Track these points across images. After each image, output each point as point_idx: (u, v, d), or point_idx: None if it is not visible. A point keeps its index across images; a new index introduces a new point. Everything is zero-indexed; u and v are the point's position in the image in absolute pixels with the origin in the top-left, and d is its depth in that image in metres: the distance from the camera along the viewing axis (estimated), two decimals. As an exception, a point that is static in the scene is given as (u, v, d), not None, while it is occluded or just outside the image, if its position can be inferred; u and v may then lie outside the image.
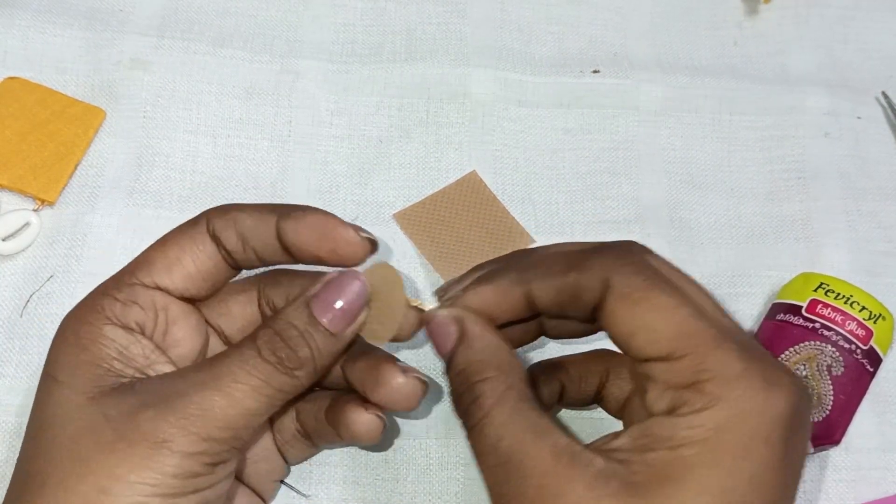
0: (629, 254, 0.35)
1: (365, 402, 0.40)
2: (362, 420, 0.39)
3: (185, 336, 0.39)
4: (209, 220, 0.39)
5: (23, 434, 0.43)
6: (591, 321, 0.36)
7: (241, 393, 0.35)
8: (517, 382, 0.35)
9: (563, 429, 0.34)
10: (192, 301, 0.40)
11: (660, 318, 0.33)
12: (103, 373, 0.35)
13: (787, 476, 0.32)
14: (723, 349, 0.32)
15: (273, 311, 0.41)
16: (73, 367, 0.35)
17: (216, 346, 0.41)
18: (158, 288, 0.38)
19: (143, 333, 0.37)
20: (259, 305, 0.41)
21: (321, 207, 0.51)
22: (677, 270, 0.36)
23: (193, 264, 0.39)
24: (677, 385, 0.32)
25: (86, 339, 0.36)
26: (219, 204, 0.50)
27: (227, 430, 0.35)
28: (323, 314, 0.37)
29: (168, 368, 0.37)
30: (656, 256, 0.36)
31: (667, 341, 0.33)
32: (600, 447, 0.33)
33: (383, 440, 0.42)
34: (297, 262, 0.39)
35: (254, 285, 0.41)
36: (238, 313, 0.41)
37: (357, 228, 0.39)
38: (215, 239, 0.39)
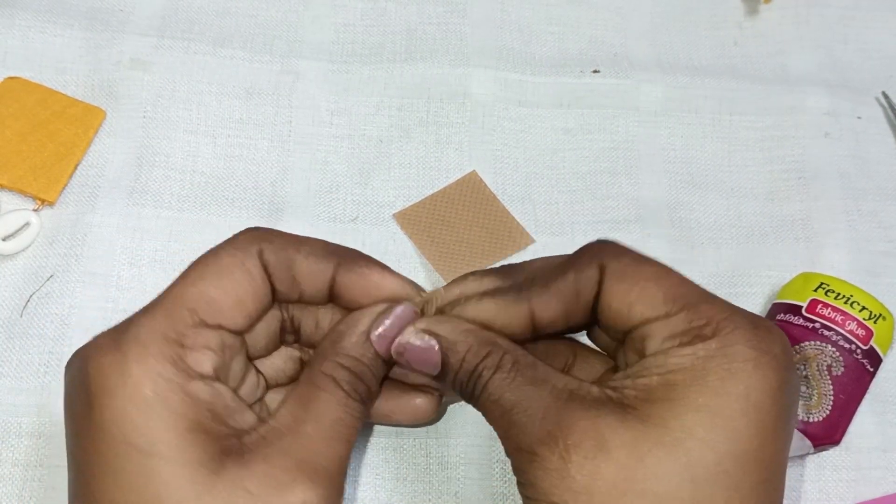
0: (611, 244, 0.38)
1: (419, 386, 0.41)
2: (419, 402, 0.41)
3: (239, 368, 0.38)
4: (263, 254, 0.38)
5: (32, 436, 0.44)
6: (588, 327, 0.39)
7: (352, 435, 0.36)
8: (510, 348, 0.37)
9: (562, 373, 0.37)
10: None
11: (654, 285, 0.36)
12: (206, 439, 0.33)
13: (783, 409, 0.34)
14: (711, 302, 0.36)
15: (294, 330, 0.41)
16: (175, 439, 0.33)
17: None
18: (220, 328, 0.36)
19: (218, 379, 0.36)
20: (282, 321, 0.40)
21: (322, 207, 0.52)
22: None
23: (253, 304, 0.37)
24: (673, 334, 0.35)
25: (173, 402, 0.33)
26: (218, 203, 0.51)
27: (341, 479, 0.36)
28: (381, 347, 0.38)
29: (247, 413, 0.36)
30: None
31: (663, 302, 0.36)
32: (597, 381, 0.36)
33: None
34: (337, 305, 0.40)
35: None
36: (262, 331, 0.39)
37: (415, 286, 0.40)
38: (269, 276, 0.38)
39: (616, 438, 0.33)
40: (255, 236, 0.38)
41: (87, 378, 0.34)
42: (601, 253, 0.37)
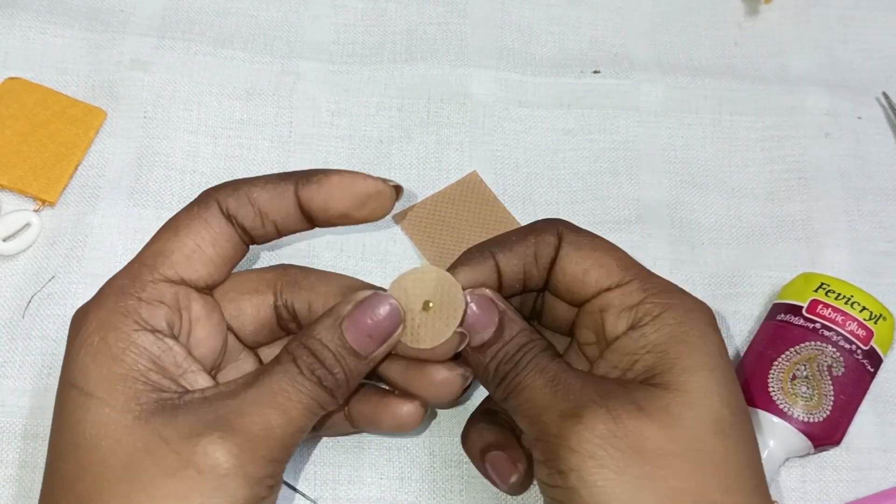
0: (566, 221, 0.41)
1: (404, 394, 0.41)
2: (405, 410, 0.41)
3: (206, 336, 0.39)
4: (220, 201, 0.39)
5: (35, 437, 0.44)
6: (542, 289, 0.41)
7: (297, 411, 0.35)
8: (548, 346, 0.38)
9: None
10: (210, 289, 0.39)
11: (607, 256, 0.39)
12: (142, 387, 0.35)
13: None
14: (655, 275, 0.39)
15: (291, 315, 0.41)
16: (109, 382, 0.34)
17: (234, 345, 0.41)
18: (182, 281, 0.38)
19: (172, 336, 0.37)
20: (275, 308, 0.41)
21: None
22: None
23: (213, 249, 0.38)
24: (631, 304, 0.38)
25: (116, 349, 0.35)
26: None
27: (286, 449, 0.35)
28: (353, 337, 0.37)
29: (201, 376, 0.37)
30: None
31: (616, 271, 0.39)
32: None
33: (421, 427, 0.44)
34: (320, 226, 0.40)
35: (268, 287, 0.41)
36: (251, 315, 0.41)
37: (382, 179, 0.40)
38: (230, 219, 0.39)
39: (651, 405, 0.35)
40: (210, 190, 0.39)
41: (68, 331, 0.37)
42: (558, 224, 0.40)
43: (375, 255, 0.51)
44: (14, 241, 0.48)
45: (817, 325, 0.46)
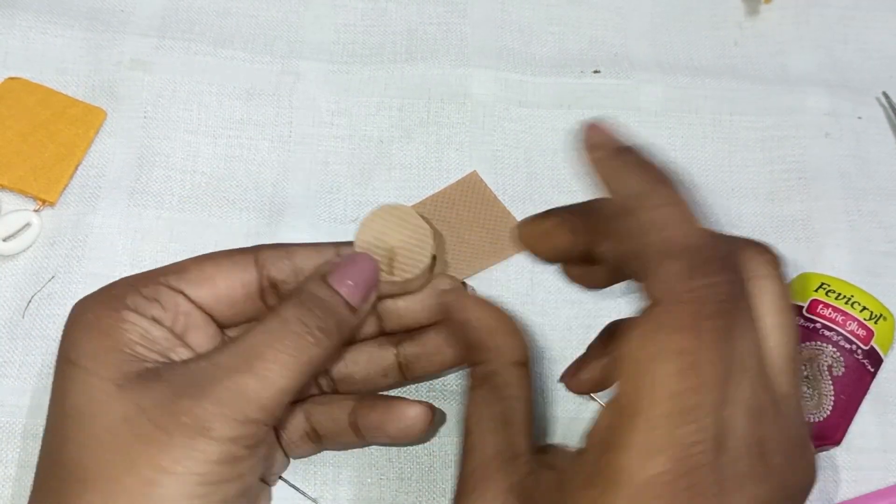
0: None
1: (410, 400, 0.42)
2: (412, 413, 0.41)
3: (201, 343, 0.39)
4: (259, 251, 0.40)
5: (35, 437, 0.44)
6: None
7: (273, 373, 0.35)
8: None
9: None
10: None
11: None
12: (127, 358, 0.35)
13: None
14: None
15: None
16: (97, 353, 0.35)
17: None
18: (182, 293, 0.38)
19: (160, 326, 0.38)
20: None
21: (322, 208, 0.52)
22: None
23: (224, 286, 0.39)
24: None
25: (106, 324, 0.36)
26: (219, 204, 0.51)
27: (262, 410, 0.35)
28: (341, 287, 0.38)
29: (188, 353, 0.38)
30: None
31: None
32: None
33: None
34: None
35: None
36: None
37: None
38: (261, 269, 0.40)
39: None
40: (257, 244, 0.41)
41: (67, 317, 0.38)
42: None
43: (375, 255, 0.51)
44: (14, 241, 0.48)
45: (817, 325, 0.46)
